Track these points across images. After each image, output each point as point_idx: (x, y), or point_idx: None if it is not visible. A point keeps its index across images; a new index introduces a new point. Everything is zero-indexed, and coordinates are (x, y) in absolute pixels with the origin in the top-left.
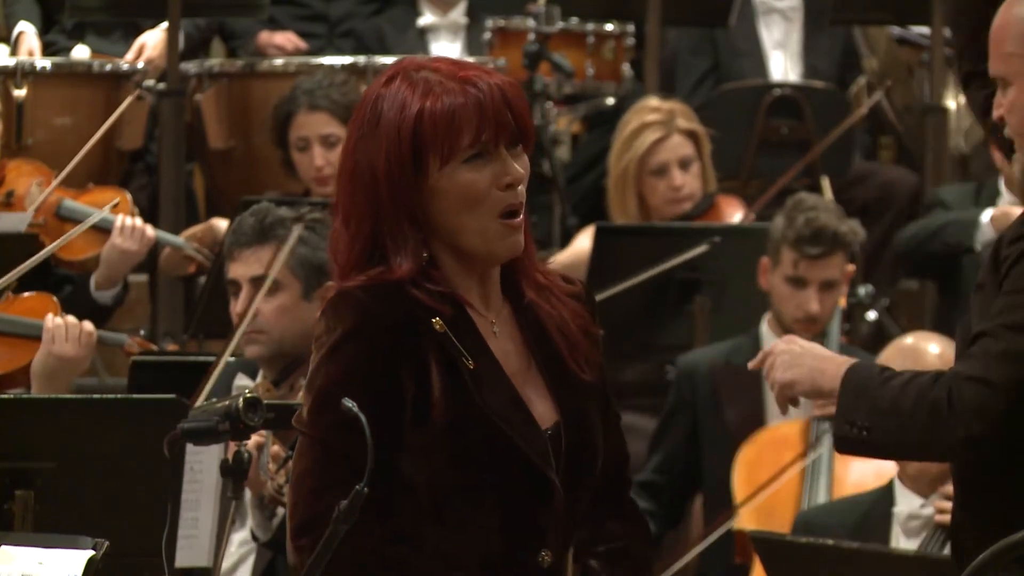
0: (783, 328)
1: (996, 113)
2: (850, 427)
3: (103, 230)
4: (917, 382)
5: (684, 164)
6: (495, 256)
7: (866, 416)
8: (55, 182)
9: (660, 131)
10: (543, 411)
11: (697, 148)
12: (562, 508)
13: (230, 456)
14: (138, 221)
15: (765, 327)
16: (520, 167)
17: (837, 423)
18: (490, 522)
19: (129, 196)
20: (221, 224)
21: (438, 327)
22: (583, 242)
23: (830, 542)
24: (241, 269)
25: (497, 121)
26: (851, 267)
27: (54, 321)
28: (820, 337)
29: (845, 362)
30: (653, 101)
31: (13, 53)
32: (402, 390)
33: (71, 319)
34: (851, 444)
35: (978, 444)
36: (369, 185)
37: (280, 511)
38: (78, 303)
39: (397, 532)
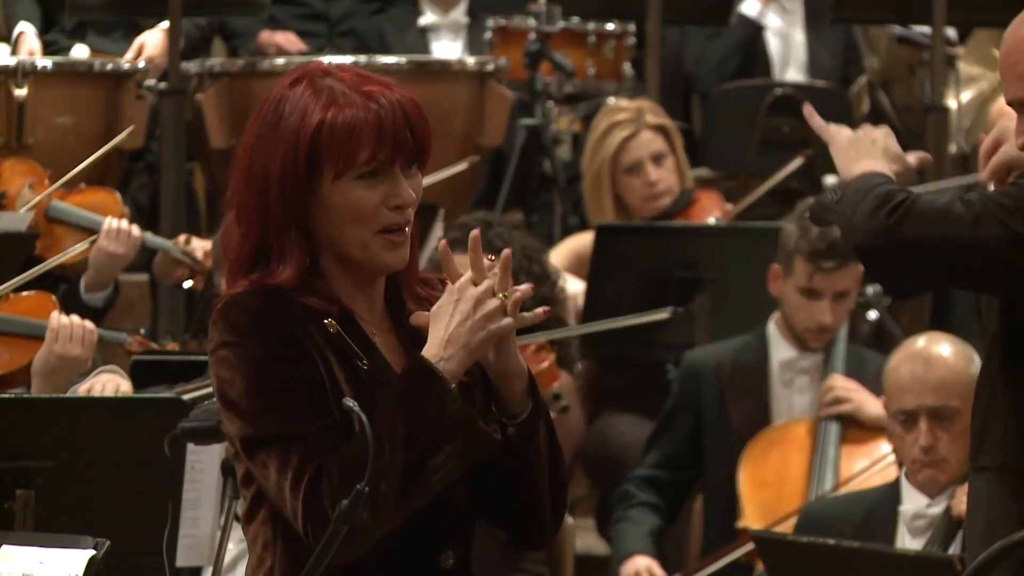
0: (793, 334)
1: (1019, 140)
2: (831, 194)
3: (89, 231)
4: (894, 185)
5: (657, 159)
6: (378, 267)
7: (847, 187)
8: (49, 190)
9: (629, 128)
10: None
11: (669, 142)
12: (462, 507)
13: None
14: (124, 223)
15: (772, 327)
16: (412, 189)
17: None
18: None
19: (119, 197)
20: None
21: (332, 329)
22: (584, 237)
23: (831, 541)
24: None
25: (395, 140)
26: (861, 268)
27: (59, 320)
28: (829, 343)
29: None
30: (621, 102)
31: (14, 53)
32: (319, 370)
33: (75, 319)
34: (820, 208)
35: (888, 240)
36: (262, 187)
37: None
38: (70, 305)
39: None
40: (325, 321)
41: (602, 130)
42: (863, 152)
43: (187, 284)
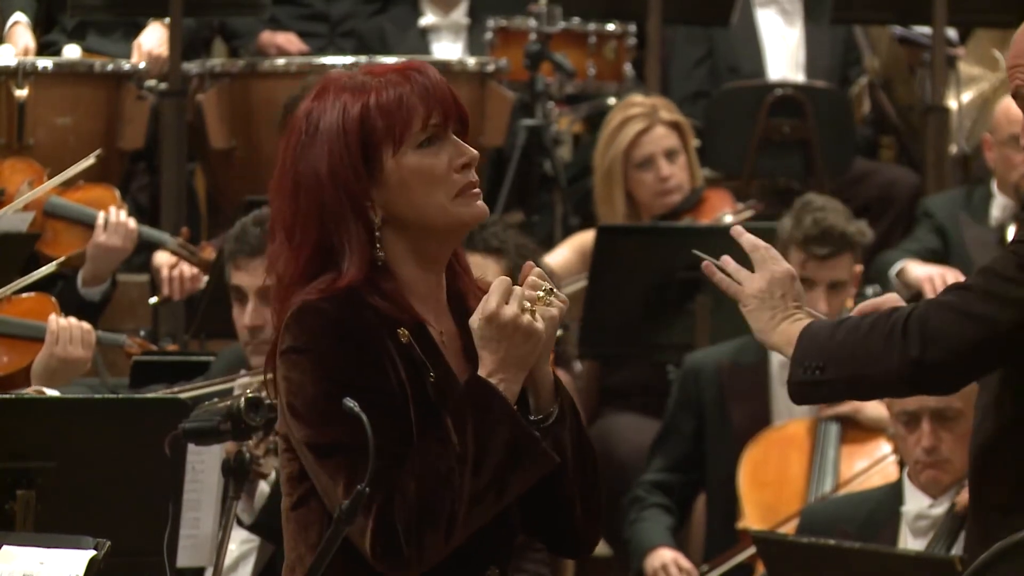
0: None
1: None
2: (803, 371)
3: (88, 227)
4: (876, 315)
5: (670, 155)
6: (465, 223)
7: (818, 354)
8: (44, 186)
9: (643, 123)
10: None
11: (682, 139)
12: (509, 523)
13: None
14: (122, 215)
15: None
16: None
17: (791, 373)
18: None
19: (117, 193)
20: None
21: (404, 339)
22: (588, 235)
23: (831, 542)
24: (247, 279)
25: (445, 104)
26: (859, 268)
27: (58, 323)
28: None
29: (807, 322)
30: (636, 97)
31: (5, 42)
32: (391, 380)
33: (74, 320)
34: (805, 389)
35: (926, 370)
36: (313, 190)
37: (262, 486)
38: (67, 300)
39: None
40: (398, 330)
41: (616, 124)
42: (776, 310)
43: (152, 300)
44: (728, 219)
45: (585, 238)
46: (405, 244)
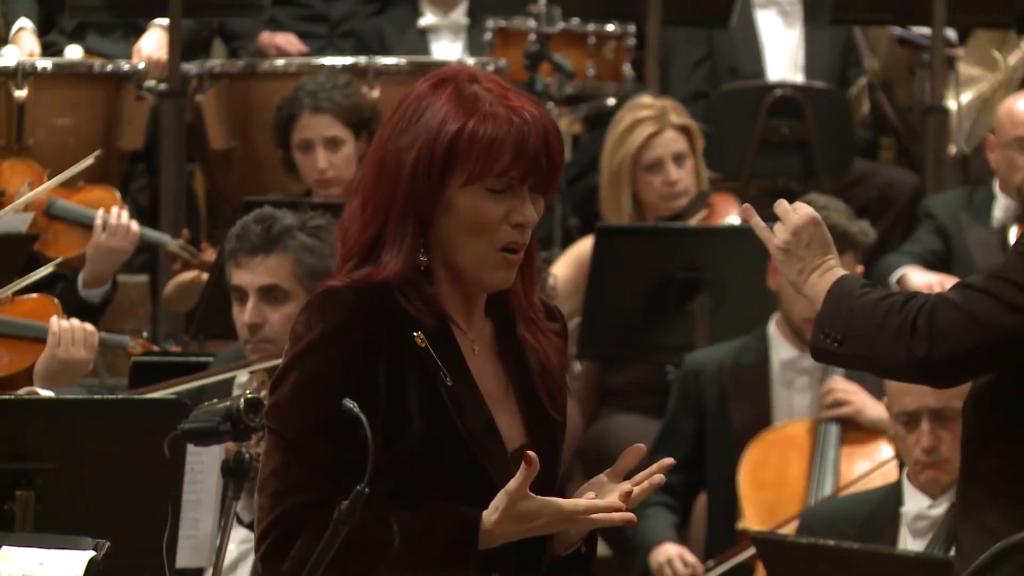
0: (792, 329)
1: None
2: (824, 337)
3: (89, 228)
4: (893, 298)
5: (678, 159)
6: (483, 284)
7: (839, 326)
8: (45, 186)
9: (653, 126)
10: (511, 433)
11: (690, 144)
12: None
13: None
14: (124, 217)
15: (773, 327)
16: (536, 211)
17: (815, 332)
18: None
19: (118, 195)
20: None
21: (419, 342)
22: (584, 244)
23: (831, 543)
24: (248, 278)
25: (532, 161)
26: (860, 268)
27: (60, 324)
28: None
29: (837, 275)
30: (646, 98)
31: (9, 43)
32: (376, 397)
33: (76, 322)
34: (825, 355)
35: (931, 367)
36: (392, 178)
37: None
38: (68, 302)
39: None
40: (414, 334)
41: (626, 125)
42: (804, 260)
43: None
44: (735, 221)
45: (581, 249)
46: (446, 268)
